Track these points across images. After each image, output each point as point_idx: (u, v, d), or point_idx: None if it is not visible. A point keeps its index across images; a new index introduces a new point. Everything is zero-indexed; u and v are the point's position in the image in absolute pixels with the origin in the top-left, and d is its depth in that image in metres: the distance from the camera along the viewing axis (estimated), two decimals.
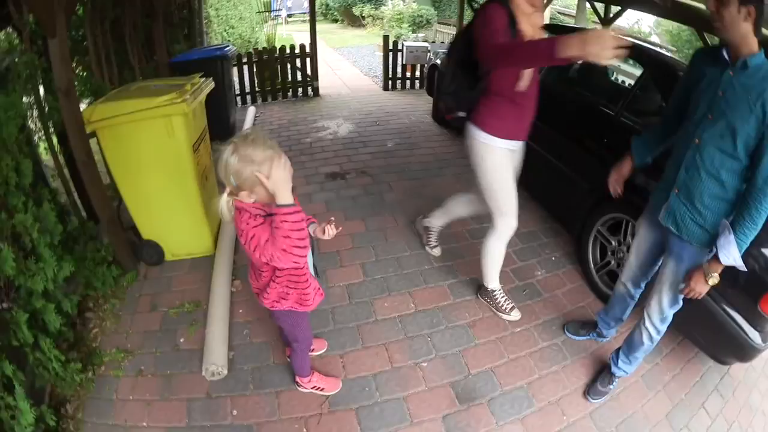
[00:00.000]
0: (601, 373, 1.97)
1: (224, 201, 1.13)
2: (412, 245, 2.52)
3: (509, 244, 2.59)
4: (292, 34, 11.93)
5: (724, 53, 1.40)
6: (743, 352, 1.95)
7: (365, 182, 3.17)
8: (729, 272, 1.82)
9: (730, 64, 1.36)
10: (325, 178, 3.18)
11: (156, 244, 2.36)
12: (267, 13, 12.62)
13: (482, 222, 2.77)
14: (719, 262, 1.39)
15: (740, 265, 1.38)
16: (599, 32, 1.20)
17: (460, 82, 1.82)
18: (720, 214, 1.45)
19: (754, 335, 1.87)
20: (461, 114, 1.88)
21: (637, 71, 2.64)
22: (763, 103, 1.27)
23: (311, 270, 1.39)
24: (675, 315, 1.76)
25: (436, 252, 2.51)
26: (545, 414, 1.76)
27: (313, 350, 1.83)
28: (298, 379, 1.69)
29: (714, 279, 1.46)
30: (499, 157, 1.87)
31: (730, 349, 2.02)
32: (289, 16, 15.67)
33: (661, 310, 1.71)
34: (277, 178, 1.06)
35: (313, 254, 1.39)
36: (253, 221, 1.13)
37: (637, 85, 2.36)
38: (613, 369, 1.92)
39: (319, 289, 1.43)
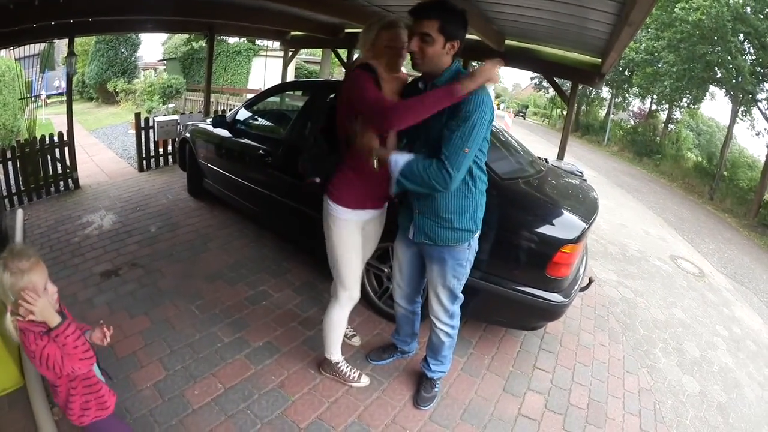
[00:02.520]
0: (421, 381, 2.06)
1: (9, 321, 1.14)
2: (199, 327, 2.43)
3: (290, 300, 2.74)
4: (51, 118, 10.61)
5: (420, 85, 1.58)
6: (551, 313, 2.16)
7: (138, 275, 2.95)
8: (512, 258, 2.14)
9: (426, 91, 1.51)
10: (100, 279, 2.88)
11: None
12: (29, 98, 11.08)
13: (256, 287, 2.86)
14: (390, 159, 1.51)
15: (396, 166, 1.50)
16: (484, 66, 1.44)
17: (320, 148, 1.80)
18: (463, 210, 1.57)
19: (554, 297, 2.07)
20: (317, 180, 1.80)
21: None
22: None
23: (98, 375, 1.41)
24: (471, 308, 1.89)
25: (356, 341, 2.37)
26: None
27: None
28: None
29: (377, 156, 1.53)
30: (345, 230, 1.80)
31: (537, 316, 2.22)
32: (48, 97, 13.66)
33: (445, 309, 1.80)
34: (41, 308, 1.14)
35: (97, 360, 1.39)
36: (40, 341, 1.15)
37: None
38: (429, 374, 2.01)
39: (110, 390, 1.43)
